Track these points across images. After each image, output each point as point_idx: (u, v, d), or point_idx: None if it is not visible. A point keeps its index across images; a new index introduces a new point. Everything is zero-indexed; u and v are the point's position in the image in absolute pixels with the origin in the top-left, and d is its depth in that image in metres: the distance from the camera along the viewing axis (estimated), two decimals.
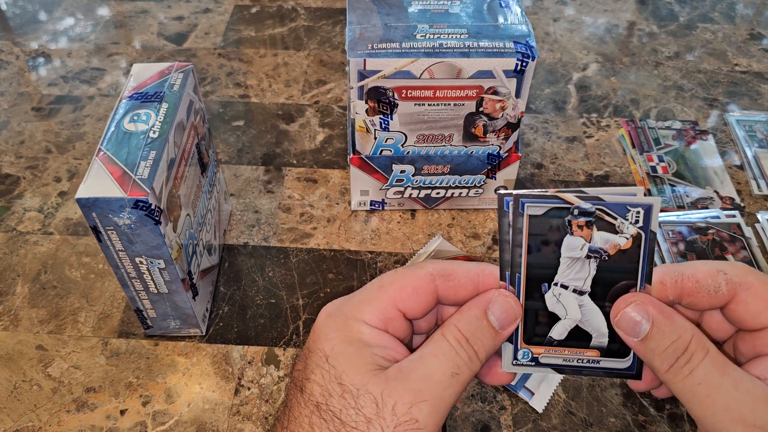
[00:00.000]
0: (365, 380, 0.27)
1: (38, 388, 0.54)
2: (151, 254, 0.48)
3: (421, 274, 0.30)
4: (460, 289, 0.30)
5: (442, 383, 0.27)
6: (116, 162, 0.46)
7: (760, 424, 0.25)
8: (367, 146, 0.62)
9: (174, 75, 0.53)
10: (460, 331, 0.29)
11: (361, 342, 0.29)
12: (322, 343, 0.29)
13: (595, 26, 0.95)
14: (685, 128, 0.78)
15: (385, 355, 0.29)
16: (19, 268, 0.63)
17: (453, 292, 0.30)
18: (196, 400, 0.53)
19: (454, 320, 0.29)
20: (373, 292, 0.30)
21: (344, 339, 0.29)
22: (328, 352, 0.28)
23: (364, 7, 0.60)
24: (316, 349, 0.29)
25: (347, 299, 0.31)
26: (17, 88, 0.85)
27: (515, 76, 0.56)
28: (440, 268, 0.30)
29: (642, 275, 0.29)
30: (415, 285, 0.30)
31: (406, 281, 0.30)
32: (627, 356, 0.30)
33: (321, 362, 0.28)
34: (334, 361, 0.28)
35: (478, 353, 0.29)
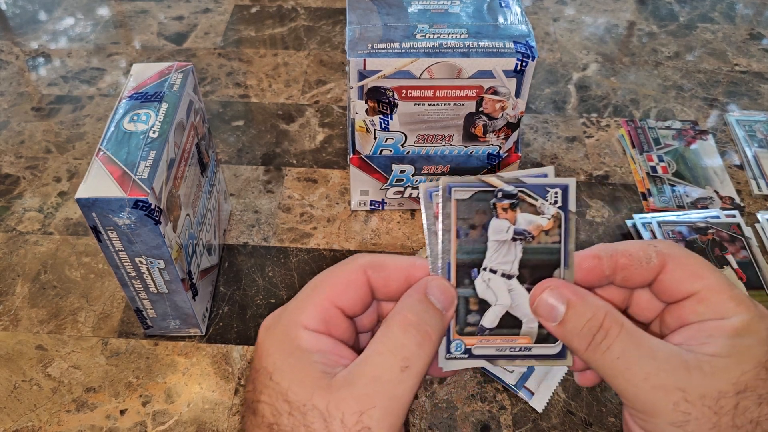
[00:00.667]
0: (310, 394, 0.26)
1: (38, 388, 0.54)
2: (151, 254, 0.48)
3: (352, 267, 0.29)
4: (391, 281, 0.30)
5: (391, 381, 0.26)
6: (116, 162, 0.46)
7: (681, 386, 0.25)
8: (367, 146, 0.62)
9: (174, 75, 0.53)
10: (406, 316, 0.28)
11: (301, 351, 0.27)
12: (264, 359, 0.28)
13: (595, 26, 0.95)
14: (684, 128, 0.78)
15: (328, 361, 0.27)
16: (19, 268, 0.63)
17: (384, 283, 0.30)
18: (195, 400, 0.53)
19: (397, 309, 0.28)
20: (308, 294, 0.29)
21: (284, 351, 0.27)
22: (270, 368, 0.27)
23: (364, 7, 0.60)
24: (260, 368, 0.28)
25: (284, 308, 0.30)
26: (17, 87, 0.85)
27: (515, 76, 0.56)
28: (370, 260, 0.30)
29: (564, 255, 0.29)
30: (348, 279, 0.29)
31: (338, 277, 0.29)
32: (556, 341, 0.30)
33: (266, 381, 0.27)
34: (278, 377, 0.27)
35: (431, 334, 0.28)
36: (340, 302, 0.29)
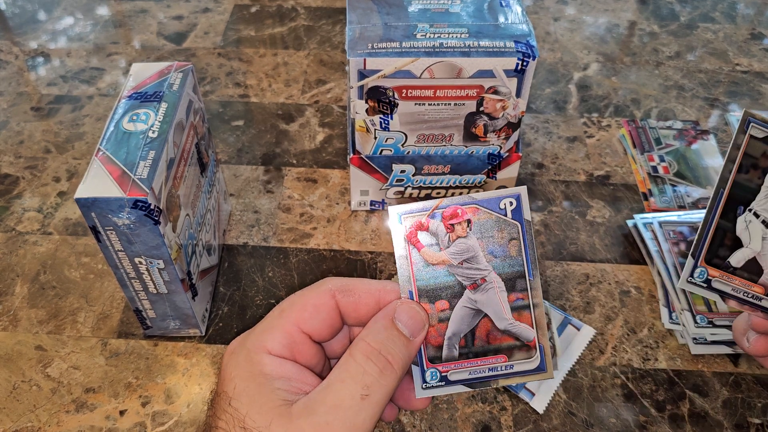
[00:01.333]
0: (268, 421, 0.25)
1: (37, 388, 0.54)
2: (151, 254, 0.48)
3: (320, 291, 0.29)
4: (361, 306, 0.29)
5: (351, 409, 0.25)
6: (115, 162, 0.46)
7: None
8: (367, 146, 0.61)
9: (173, 75, 0.53)
10: (369, 344, 0.27)
11: (262, 376, 0.27)
12: (226, 384, 0.27)
13: (595, 26, 0.95)
14: (686, 128, 0.77)
15: (290, 388, 0.27)
16: (18, 268, 0.63)
17: (354, 308, 0.29)
18: (195, 401, 0.53)
19: (362, 336, 0.28)
20: (275, 318, 0.29)
21: (246, 376, 0.27)
22: (230, 393, 0.27)
23: (364, 7, 0.59)
24: (221, 392, 0.27)
25: (250, 332, 0.29)
26: (16, 87, 0.85)
27: (516, 76, 0.56)
28: (340, 284, 0.29)
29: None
30: (316, 303, 0.29)
31: (306, 301, 0.29)
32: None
33: (225, 406, 0.27)
34: (236, 402, 0.26)
35: (393, 363, 0.27)
36: (306, 327, 0.29)
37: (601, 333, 0.58)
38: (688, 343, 0.56)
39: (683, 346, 0.57)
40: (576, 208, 0.69)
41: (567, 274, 0.63)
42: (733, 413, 0.52)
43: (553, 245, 0.65)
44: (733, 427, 0.51)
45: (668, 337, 0.57)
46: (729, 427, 0.51)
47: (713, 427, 0.51)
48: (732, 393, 0.53)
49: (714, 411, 0.52)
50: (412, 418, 0.52)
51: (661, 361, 0.56)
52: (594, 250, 0.65)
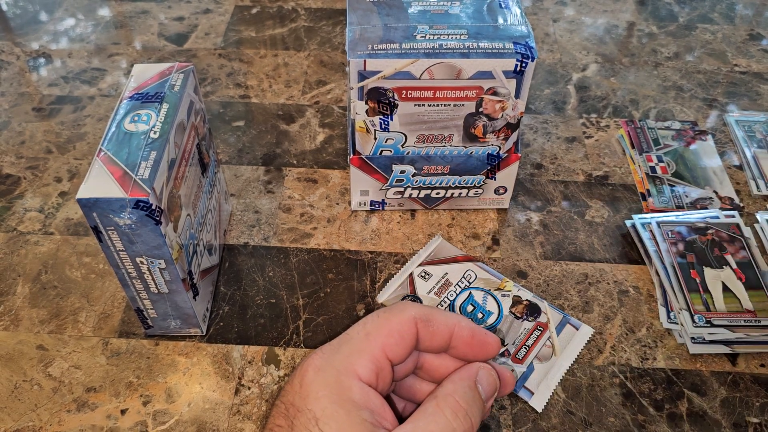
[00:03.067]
0: None
1: (39, 387, 0.54)
2: (152, 254, 0.48)
3: (404, 318, 0.29)
4: (437, 336, 0.30)
5: None
6: (117, 162, 0.46)
7: None
8: (367, 146, 0.62)
9: (174, 75, 0.53)
10: (458, 402, 0.28)
11: (351, 403, 0.27)
12: (312, 402, 0.27)
13: (594, 27, 0.95)
14: (684, 128, 0.78)
15: (374, 420, 0.27)
16: (19, 268, 0.63)
17: (430, 337, 0.30)
18: (196, 400, 0.53)
19: (449, 390, 0.29)
20: (362, 341, 0.29)
21: (335, 400, 0.27)
22: (318, 414, 0.27)
23: (364, 8, 0.60)
24: (305, 409, 0.27)
25: (335, 350, 0.29)
26: (18, 88, 0.85)
27: (515, 77, 0.56)
28: (422, 313, 0.30)
29: None
30: (401, 330, 0.29)
31: (393, 327, 0.29)
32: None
33: (310, 426, 0.27)
34: (325, 426, 0.26)
35: (474, 425, 0.28)
36: (391, 353, 0.29)
37: (600, 332, 0.58)
38: (686, 343, 0.56)
39: (681, 346, 0.57)
40: (575, 208, 0.69)
41: (566, 273, 0.63)
42: (731, 412, 0.52)
43: (552, 245, 0.66)
44: (731, 426, 0.52)
45: (666, 337, 0.58)
46: (727, 426, 0.52)
47: (711, 426, 0.52)
48: (730, 392, 0.54)
49: (712, 410, 0.53)
50: None
51: (660, 361, 0.56)
52: (593, 250, 0.65)
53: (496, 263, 0.64)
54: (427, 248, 0.63)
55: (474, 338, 0.30)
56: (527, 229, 0.67)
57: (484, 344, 0.30)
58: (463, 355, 0.30)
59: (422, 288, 0.60)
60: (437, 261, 0.62)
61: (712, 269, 0.60)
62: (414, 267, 0.62)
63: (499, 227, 0.67)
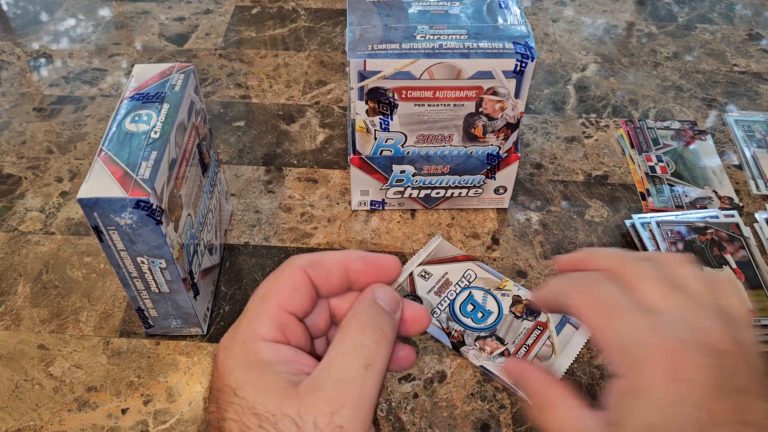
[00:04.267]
0: (279, 403, 0.26)
1: (40, 387, 0.54)
2: (153, 254, 0.48)
3: (292, 269, 0.30)
4: (332, 276, 0.30)
5: (357, 380, 0.27)
6: (118, 162, 0.46)
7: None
8: (368, 146, 0.62)
9: (175, 76, 0.54)
10: (361, 319, 0.29)
11: (263, 363, 0.28)
12: (226, 378, 0.28)
13: (594, 27, 0.96)
14: (683, 128, 0.78)
15: (291, 370, 0.28)
16: (20, 267, 0.64)
17: (325, 279, 0.30)
18: (197, 399, 0.53)
19: (351, 314, 0.29)
20: (257, 305, 0.30)
21: (246, 366, 0.28)
22: (234, 385, 0.27)
23: (365, 8, 0.60)
24: (222, 387, 0.28)
25: (236, 325, 0.30)
26: (19, 88, 0.85)
27: (514, 77, 0.56)
28: (308, 259, 0.31)
29: None
30: (292, 282, 0.30)
31: (284, 282, 0.30)
32: None
33: (230, 398, 0.27)
34: (242, 392, 0.27)
35: (386, 332, 0.29)
36: (290, 306, 0.29)
37: None
38: None
39: None
40: (574, 208, 0.69)
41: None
42: None
43: (552, 245, 0.66)
44: None
45: None
46: None
47: None
48: None
49: None
50: (413, 416, 0.53)
51: None
52: None
53: (495, 263, 0.64)
54: (427, 248, 0.64)
55: (367, 264, 0.31)
56: (527, 228, 0.67)
57: (380, 267, 0.31)
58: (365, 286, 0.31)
59: (422, 287, 0.60)
60: (437, 260, 0.62)
61: (711, 269, 0.60)
62: (414, 266, 0.62)
63: (498, 227, 0.67)
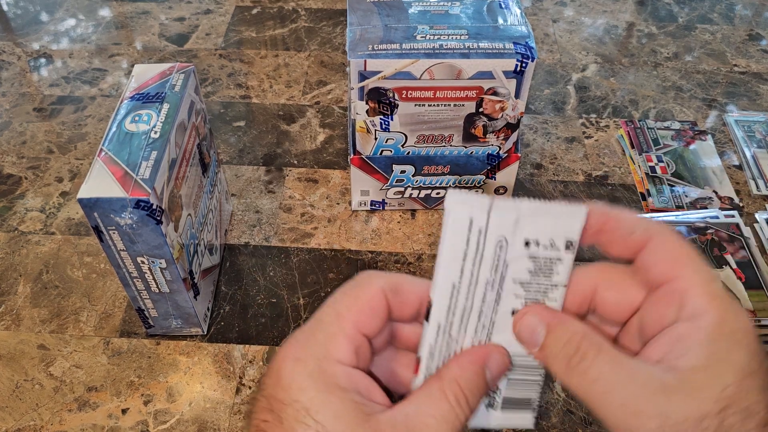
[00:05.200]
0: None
1: (40, 387, 0.54)
2: (153, 254, 0.48)
3: (372, 291, 0.29)
4: (407, 305, 0.29)
5: None
6: (118, 162, 0.46)
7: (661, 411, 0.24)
8: (368, 146, 0.62)
9: (175, 76, 0.54)
10: (462, 390, 0.28)
11: (339, 389, 0.27)
12: (297, 393, 0.27)
13: (594, 27, 0.96)
14: (683, 128, 0.78)
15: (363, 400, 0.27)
16: (20, 267, 0.64)
17: (401, 307, 0.29)
18: (197, 399, 0.53)
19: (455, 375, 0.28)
20: (334, 323, 0.28)
21: (322, 388, 0.27)
22: (307, 404, 0.26)
23: (365, 9, 0.60)
24: (291, 402, 0.27)
25: (309, 337, 0.28)
26: (19, 88, 0.85)
27: (515, 77, 0.56)
28: (389, 282, 0.29)
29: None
30: (371, 305, 0.29)
31: (362, 302, 0.29)
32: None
33: (302, 417, 0.26)
34: (319, 416, 0.26)
35: (472, 409, 0.28)
36: (365, 329, 0.28)
37: None
38: None
39: None
40: None
41: None
42: None
43: None
44: None
45: None
46: None
47: None
48: None
49: None
50: None
51: None
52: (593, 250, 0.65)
53: None
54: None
55: None
56: None
57: None
58: None
59: None
60: None
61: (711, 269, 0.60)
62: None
63: None
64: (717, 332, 0.25)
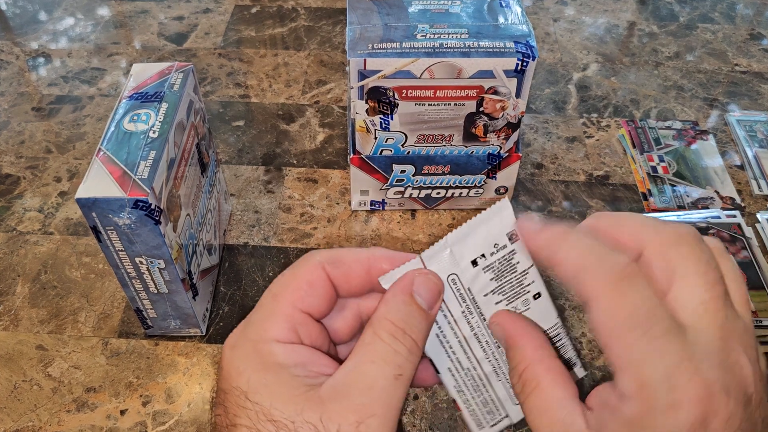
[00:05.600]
0: (299, 409, 0.24)
1: (38, 387, 0.54)
2: (151, 254, 0.48)
3: (309, 266, 0.28)
4: (352, 276, 0.28)
5: (386, 390, 0.25)
6: (116, 162, 0.46)
7: None
8: (368, 146, 0.62)
9: (174, 75, 0.53)
10: (393, 323, 0.26)
11: (277, 366, 0.25)
12: (235, 379, 0.26)
13: (595, 26, 0.95)
14: (685, 128, 0.78)
15: (308, 373, 0.26)
16: (19, 268, 0.63)
17: (345, 279, 0.28)
18: (196, 400, 0.53)
19: (383, 313, 0.26)
20: (270, 303, 0.27)
21: (259, 368, 0.26)
22: (245, 388, 0.25)
23: (365, 7, 0.60)
24: (231, 389, 0.26)
25: (246, 323, 0.27)
26: (17, 88, 0.85)
27: (515, 76, 0.56)
28: (327, 255, 0.28)
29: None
30: (309, 279, 0.27)
31: (299, 279, 0.27)
32: None
33: (241, 402, 0.25)
34: (256, 396, 0.25)
35: (417, 342, 0.26)
36: (305, 306, 0.27)
37: None
38: None
39: None
40: (576, 209, 0.69)
41: None
42: None
43: None
44: None
45: None
46: None
47: None
48: None
49: None
50: (413, 417, 0.52)
51: None
52: None
53: None
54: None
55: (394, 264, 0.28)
56: None
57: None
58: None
59: None
60: None
61: None
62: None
63: None
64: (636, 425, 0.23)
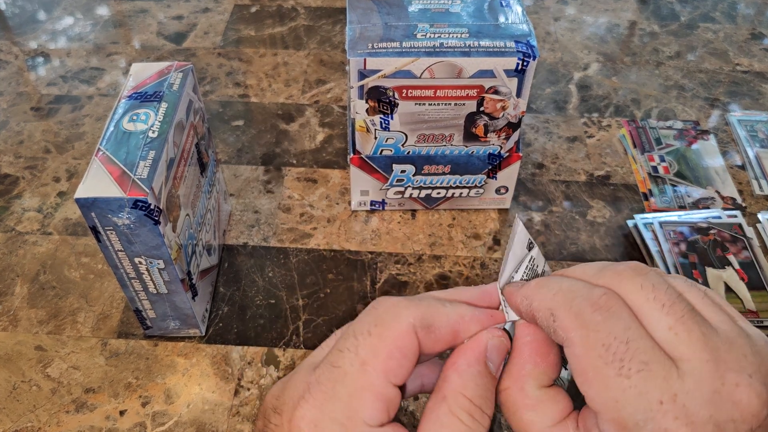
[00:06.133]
0: None
1: (37, 388, 0.54)
2: (151, 254, 0.48)
3: (402, 331, 0.24)
4: (441, 341, 0.26)
5: None
6: (115, 162, 0.45)
7: None
8: (368, 146, 0.61)
9: (173, 74, 0.53)
10: (471, 401, 0.25)
11: None
12: None
13: (596, 26, 0.95)
14: (686, 128, 0.77)
15: None
16: (18, 268, 0.63)
17: (434, 344, 0.26)
18: (195, 401, 0.53)
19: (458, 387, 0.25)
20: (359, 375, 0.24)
21: None
22: None
23: (365, 7, 0.59)
24: None
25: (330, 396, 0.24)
26: (16, 87, 0.85)
27: (516, 76, 0.56)
28: (420, 318, 0.25)
29: None
30: (401, 347, 0.24)
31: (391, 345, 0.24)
32: None
33: None
34: None
35: (489, 415, 0.25)
36: (396, 378, 0.24)
37: None
38: None
39: None
40: (576, 209, 0.69)
41: None
42: None
43: (554, 245, 0.65)
44: None
45: None
46: None
47: None
48: None
49: None
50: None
51: None
52: (594, 251, 0.65)
53: (497, 264, 0.64)
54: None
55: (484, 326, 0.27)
56: (528, 229, 0.67)
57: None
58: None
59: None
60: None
61: (714, 270, 0.60)
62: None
63: (500, 227, 0.67)
64: None
